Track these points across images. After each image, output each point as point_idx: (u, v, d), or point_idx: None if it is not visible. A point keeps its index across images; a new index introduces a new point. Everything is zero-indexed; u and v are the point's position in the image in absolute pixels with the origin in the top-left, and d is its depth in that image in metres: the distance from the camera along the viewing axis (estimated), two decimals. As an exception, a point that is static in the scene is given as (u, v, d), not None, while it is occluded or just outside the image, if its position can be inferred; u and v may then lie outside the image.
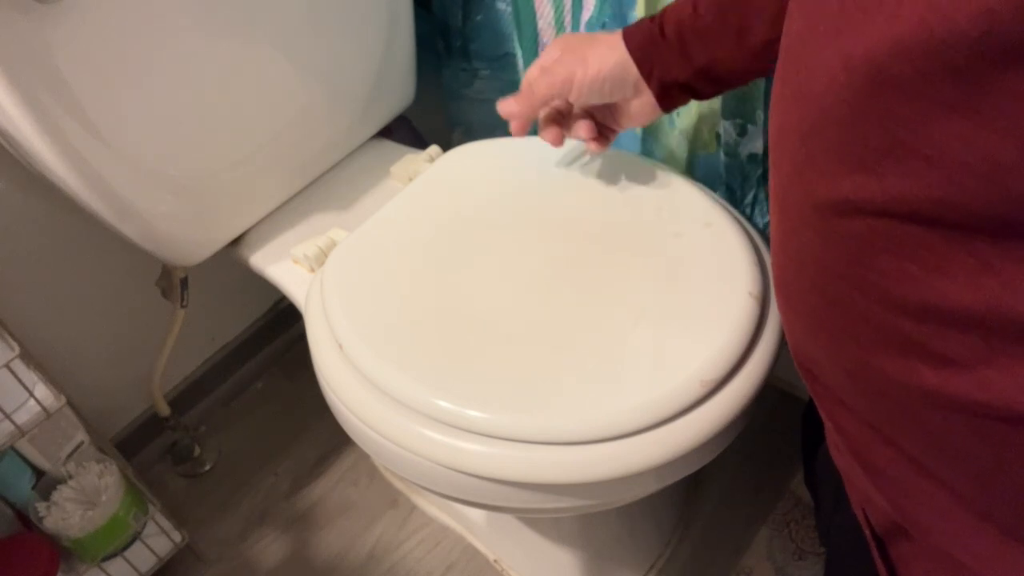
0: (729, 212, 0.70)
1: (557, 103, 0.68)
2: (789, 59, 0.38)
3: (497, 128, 1.04)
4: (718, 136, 0.79)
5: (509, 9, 0.89)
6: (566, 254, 0.69)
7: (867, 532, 0.47)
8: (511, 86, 0.98)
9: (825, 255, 0.37)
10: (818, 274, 0.39)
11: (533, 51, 0.87)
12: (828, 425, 0.47)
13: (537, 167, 0.78)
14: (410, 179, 0.84)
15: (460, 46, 0.97)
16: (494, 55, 0.95)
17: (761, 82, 0.72)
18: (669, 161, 0.86)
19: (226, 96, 0.73)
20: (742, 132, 0.77)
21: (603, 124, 0.68)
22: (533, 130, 0.97)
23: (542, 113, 0.68)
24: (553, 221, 0.72)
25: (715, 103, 0.77)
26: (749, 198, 0.82)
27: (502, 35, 0.93)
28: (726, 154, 0.79)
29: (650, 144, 0.86)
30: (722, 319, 0.60)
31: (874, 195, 0.33)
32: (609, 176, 0.75)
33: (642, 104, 0.63)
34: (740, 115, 0.75)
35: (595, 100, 0.64)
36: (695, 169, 0.85)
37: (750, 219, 0.84)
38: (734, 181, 0.81)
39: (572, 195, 0.74)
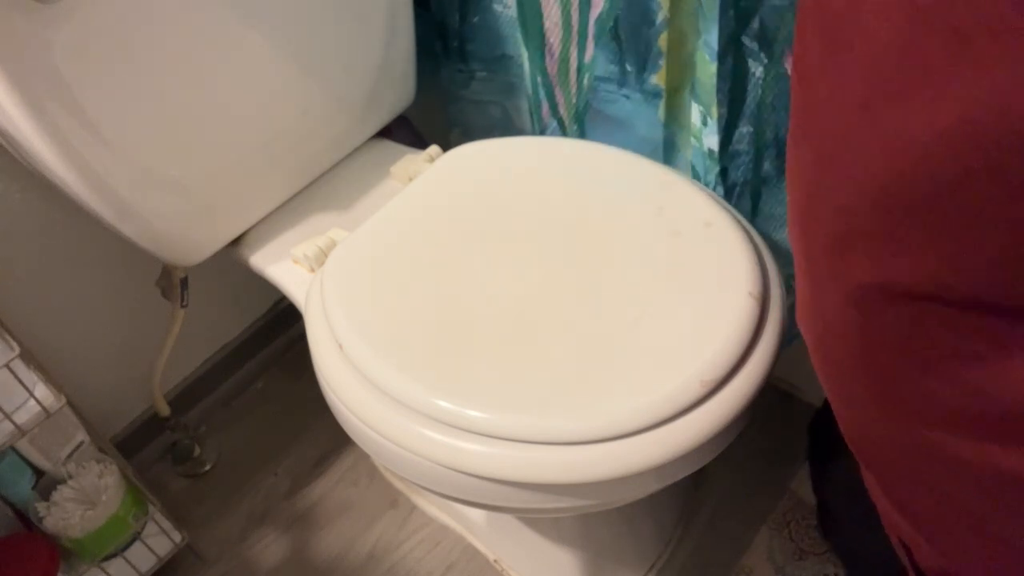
0: (729, 212, 0.70)
1: None
2: (818, 123, 0.36)
3: (494, 129, 1.04)
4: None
5: (507, 11, 0.89)
6: (566, 254, 0.69)
7: (907, 564, 0.47)
8: (508, 88, 0.98)
9: (875, 332, 0.36)
10: (866, 349, 0.37)
11: (539, 52, 0.87)
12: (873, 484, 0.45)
13: (537, 167, 0.78)
14: (410, 179, 0.84)
15: (457, 47, 0.97)
16: (491, 56, 0.95)
17: (715, 78, 0.70)
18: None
19: (226, 96, 0.73)
20: (704, 122, 0.74)
21: None
22: (533, 130, 0.97)
23: None
24: (553, 221, 0.72)
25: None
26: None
27: (499, 37, 0.92)
28: (694, 137, 0.77)
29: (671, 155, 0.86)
30: (722, 319, 0.60)
31: (922, 280, 0.32)
32: (609, 175, 0.75)
33: None
34: (702, 102, 0.72)
35: None
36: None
37: None
38: (699, 166, 0.79)
39: (572, 195, 0.74)
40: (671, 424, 0.56)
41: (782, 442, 1.01)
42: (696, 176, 0.81)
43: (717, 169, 0.78)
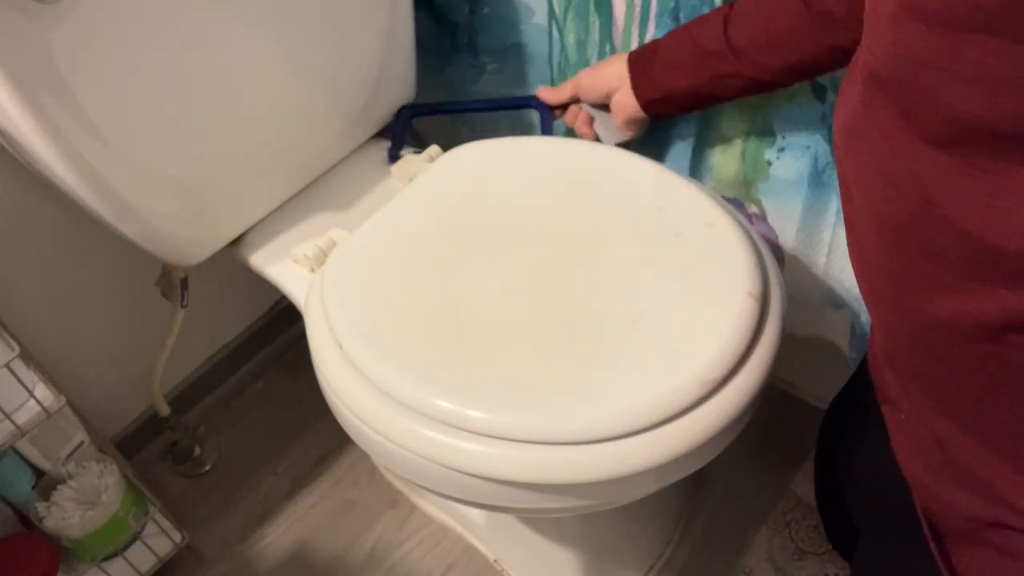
0: (730, 212, 0.70)
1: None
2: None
3: (503, 124, 1.04)
4: (816, 85, 0.74)
5: None
6: (566, 254, 0.69)
7: (929, 536, 0.47)
8: (518, 79, 0.97)
9: (966, 357, 0.39)
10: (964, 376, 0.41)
11: (608, 21, 0.85)
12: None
13: (537, 167, 0.78)
14: (410, 179, 0.84)
15: (467, 42, 0.97)
16: (502, 46, 0.95)
17: None
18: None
19: (226, 96, 0.73)
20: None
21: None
22: (535, 130, 0.97)
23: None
24: (553, 221, 0.72)
25: None
26: None
27: (510, 25, 0.92)
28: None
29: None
30: (722, 319, 0.60)
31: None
32: (610, 175, 0.75)
33: (622, 96, 0.79)
34: None
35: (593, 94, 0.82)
36: (785, 125, 0.79)
37: None
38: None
39: (572, 194, 0.74)
40: (671, 424, 0.56)
41: (782, 442, 1.01)
42: None
43: None
